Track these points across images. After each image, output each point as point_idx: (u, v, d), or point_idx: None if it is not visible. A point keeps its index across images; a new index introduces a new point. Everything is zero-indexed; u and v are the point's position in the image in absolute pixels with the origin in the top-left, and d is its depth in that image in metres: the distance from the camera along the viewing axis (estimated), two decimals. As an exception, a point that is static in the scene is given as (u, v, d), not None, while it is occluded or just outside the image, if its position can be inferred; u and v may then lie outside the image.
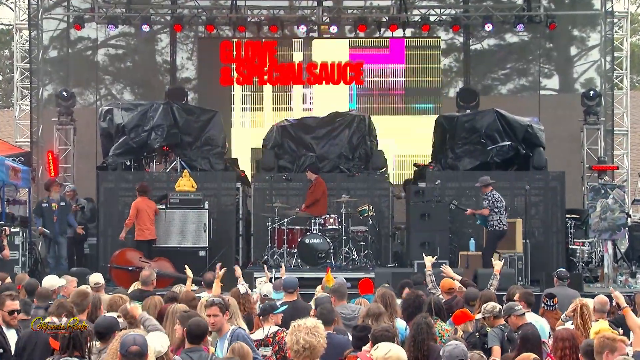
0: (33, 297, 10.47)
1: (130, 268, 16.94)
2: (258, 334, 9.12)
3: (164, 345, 7.33)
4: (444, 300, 11.24)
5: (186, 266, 12.72)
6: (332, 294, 10.63)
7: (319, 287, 12.35)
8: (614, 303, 10.49)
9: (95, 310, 9.47)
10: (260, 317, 9.43)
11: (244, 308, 10.47)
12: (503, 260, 15.91)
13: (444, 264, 13.08)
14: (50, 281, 11.30)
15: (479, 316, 10.00)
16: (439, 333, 9.25)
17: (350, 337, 8.52)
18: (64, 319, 8.44)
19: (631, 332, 8.91)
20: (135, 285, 12.72)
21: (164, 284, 16.26)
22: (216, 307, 8.41)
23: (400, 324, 9.77)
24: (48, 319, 8.58)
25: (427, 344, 8.23)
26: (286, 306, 9.85)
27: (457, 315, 9.83)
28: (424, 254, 13.05)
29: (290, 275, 12.19)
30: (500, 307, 10.03)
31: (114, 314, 8.55)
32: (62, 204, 18.72)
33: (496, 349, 9.50)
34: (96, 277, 12.09)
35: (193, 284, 12.36)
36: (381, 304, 9.71)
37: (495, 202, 17.43)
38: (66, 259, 18.58)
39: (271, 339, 8.92)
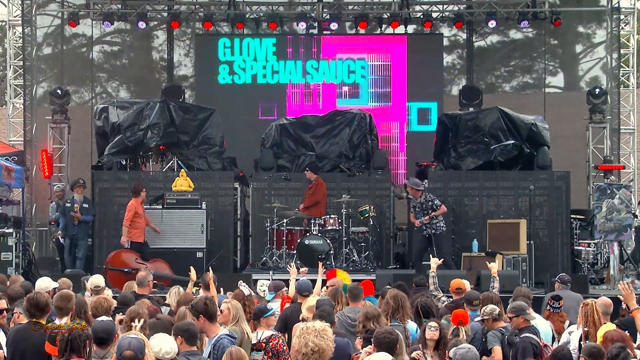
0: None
1: (126, 270, 16.74)
2: (252, 338, 9.01)
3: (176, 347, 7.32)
4: (452, 300, 11.42)
5: (191, 267, 12.49)
6: (347, 294, 10.62)
7: (323, 289, 12.10)
8: (624, 305, 10.28)
9: (83, 313, 9.22)
10: (254, 321, 9.40)
11: (248, 310, 10.37)
12: (497, 261, 15.84)
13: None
14: (44, 283, 10.96)
15: (478, 319, 9.92)
16: None
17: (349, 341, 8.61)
18: (64, 320, 8.35)
19: (638, 335, 8.67)
20: (128, 287, 12.35)
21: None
22: (188, 312, 8.53)
23: (412, 325, 9.78)
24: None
25: None
26: (273, 310, 9.80)
27: (457, 313, 9.74)
28: (430, 256, 12.84)
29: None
30: (500, 309, 9.95)
31: (106, 317, 8.20)
32: (85, 205, 18.66)
33: (497, 349, 9.45)
34: (96, 280, 11.84)
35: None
36: (393, 304, 9.72)
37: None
38: (82, 260, 18.49)
39: (264, 344, 8.77)
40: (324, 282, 12.32)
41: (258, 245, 19.42)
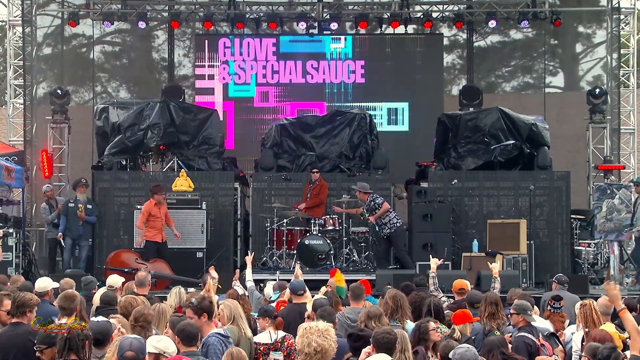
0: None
1: (126, 270, 16.68)
2: (264, 337, 9.12)
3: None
4: (454, 301, 11.40)
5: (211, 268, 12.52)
6: (349, 294, 10.65)
7: (323, 289, 12.09)
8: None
9: (78, 312, 9.26)
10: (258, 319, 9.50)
11: (242, 310, 10.20)
12: (498, 262, 15.84)
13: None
14: (43, 283, 10.96)
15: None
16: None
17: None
18: (65, 320, 8.37)
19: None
20: (128, 287, 12.33)
21: (161, 286, 16.08)
22: (190, 309, 8.50)
23: (411, 325, 9.71)
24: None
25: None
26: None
27: (457, 315, 9.71)
28: (430, 256, 12.86)
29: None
30: (500, 309, 10.03)
31: (103, 318, 8.23)
32: (89, 206, 18.60)
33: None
34: (112, 280, 11.86)
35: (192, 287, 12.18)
36: (392, 305, 9.72)
37: (385, 200, 18.10)
38: (85, 261, 18.44)
39: (280, 344, 8.94)
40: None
41: (258, 245, 19.38)
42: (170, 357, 6.88)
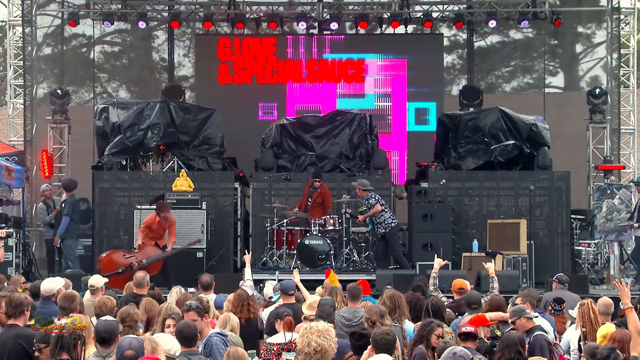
0: (37, 299, 10.29)
1: (120, 270, 16.50)
2: (278, 338, 9.25)
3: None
4: (453, 300, 11.50)
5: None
6: (346, 294, 10.69)
7: (319, 289, 12.10)
8: (622, 305, 10.18)
9: (80, 312, 9.31)
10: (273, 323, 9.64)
11: (252, 310, 10.39)
12: (494, 261, 15.87)
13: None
14: (50, 284, 10.96)
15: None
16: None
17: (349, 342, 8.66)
18: (64, 320, 8.35)
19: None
20: (129, 287, 12.34)
21: (155, 270, 16.28)
22: (193, 311, 8.66)
23: (409, 325, 9.80)
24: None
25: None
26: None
27: (474, 319, 9.69)
28: (435, 256, 12.85)
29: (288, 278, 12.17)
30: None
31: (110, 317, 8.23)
32: (63, 206, 18.62)
33: None
34: (92, 280, 11.89)
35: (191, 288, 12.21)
36: (390, 305, 9.77)
37: (381, 200, 18.08)
38: (69, 259, 18.41)
39: (294, 344, 8.95)
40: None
41: (258, 245, 19.38)
42: (142, 357, 6.89)
